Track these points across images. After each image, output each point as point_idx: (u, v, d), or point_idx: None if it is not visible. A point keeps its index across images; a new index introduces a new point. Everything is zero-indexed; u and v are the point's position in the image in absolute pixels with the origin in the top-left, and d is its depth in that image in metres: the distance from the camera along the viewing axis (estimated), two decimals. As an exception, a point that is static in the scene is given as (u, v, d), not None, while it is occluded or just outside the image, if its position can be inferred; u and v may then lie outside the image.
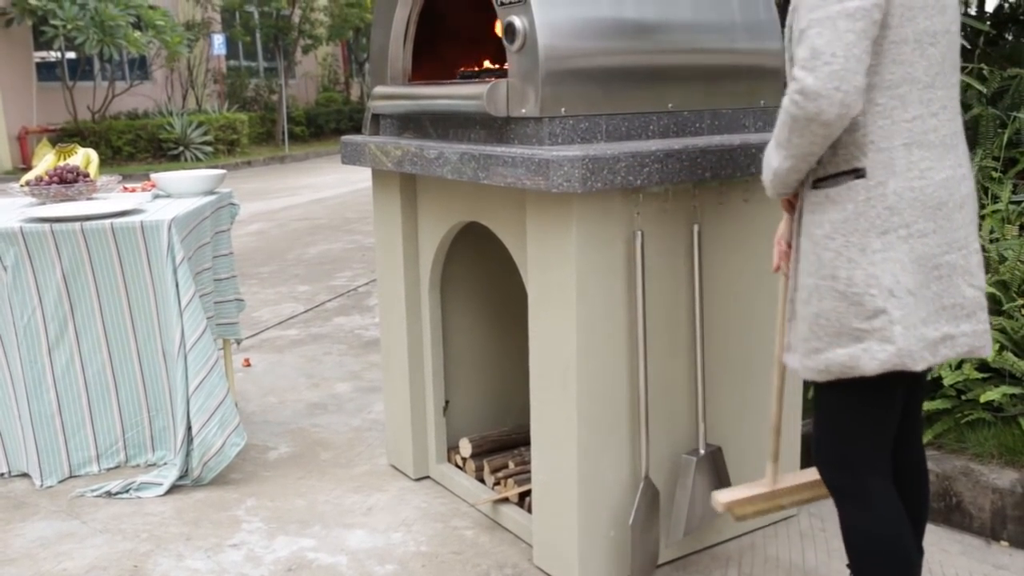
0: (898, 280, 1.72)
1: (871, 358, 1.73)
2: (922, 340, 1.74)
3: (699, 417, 2.48)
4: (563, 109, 2.32)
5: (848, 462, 1.90)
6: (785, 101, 1.70)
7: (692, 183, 2.39)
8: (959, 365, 2.90)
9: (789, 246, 2.01)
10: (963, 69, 3.69)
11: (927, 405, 2.87)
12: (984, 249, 3.10)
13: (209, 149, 15.70)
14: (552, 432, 2.43)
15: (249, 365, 4.53)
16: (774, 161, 1.82)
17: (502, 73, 2.59)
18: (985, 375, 2.85)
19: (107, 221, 3.11)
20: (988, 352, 1.83)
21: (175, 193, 3.62)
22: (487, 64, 2.96)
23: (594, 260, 2.28)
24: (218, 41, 17.60)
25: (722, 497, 2.24)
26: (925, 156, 1.74)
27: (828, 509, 2.88)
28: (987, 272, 3.03)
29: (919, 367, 1.74)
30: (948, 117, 1.79)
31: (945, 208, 1.75)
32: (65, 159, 3.91)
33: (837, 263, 1.75)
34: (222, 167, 14.75)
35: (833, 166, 1.78)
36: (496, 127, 2.47)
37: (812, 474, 2.25)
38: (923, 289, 1.74)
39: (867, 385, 1.80)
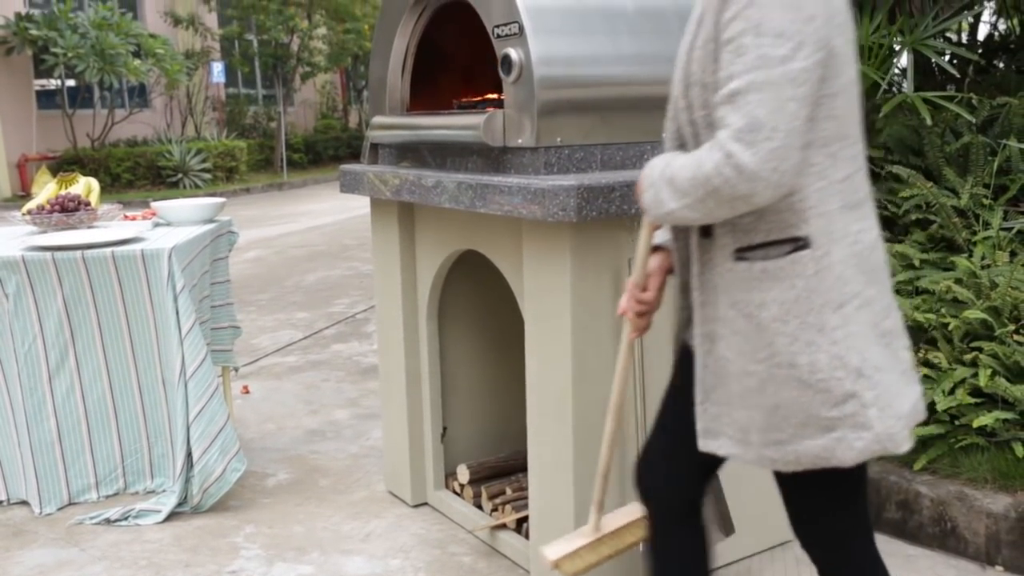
0: (865, 357, 1.54)
1: (847, 448, 1.54)
2: (900, 419, 1.57)
3: (694, 443, 2.50)
4: (559, 139, 2.36)
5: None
6: (710, 166, 1.47)
7: (686, 211, 2.42)
8: (952, 391, 2.92)
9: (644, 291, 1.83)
10: (952, 99, 3.74)
11: (921, 430, 2.89)
12: (976, 275, 3.14)
13: (208, 176, 15.76)
14: (549, 458, 2.44)
15: (248, 392, 4.54)
16: (670, 203, 1.58)
17: (498, 103, 2.63)
18: (978, 400, 2.88)
19: (108, 249, 3.14)
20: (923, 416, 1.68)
21: (175, 221, 3.65)
22: (485, 95, 3.00)
23: (590, 287, 2.31)
24: (217, 69, 17.71)
25: (550, 553, 2.12)
26: (857, 217, 1.58)
27: (824, 534, 2.90)
28: (979, 298, 3.07)
29: (903, 448, 1.56)
30: (865, 174, 1.64)
31: (879, 271, 1.61)
32: (67, 188, 3.95)
33: (795, 349, 1.55)
34: (221, 194, 14.80)
35: (762, 234, 1.56)
36: (493, 156, 2.51)
37: (634, 512, 2.11)
38: (887, 360, 1.58)
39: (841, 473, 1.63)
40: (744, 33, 1.46)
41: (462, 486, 3.07)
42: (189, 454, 3.13)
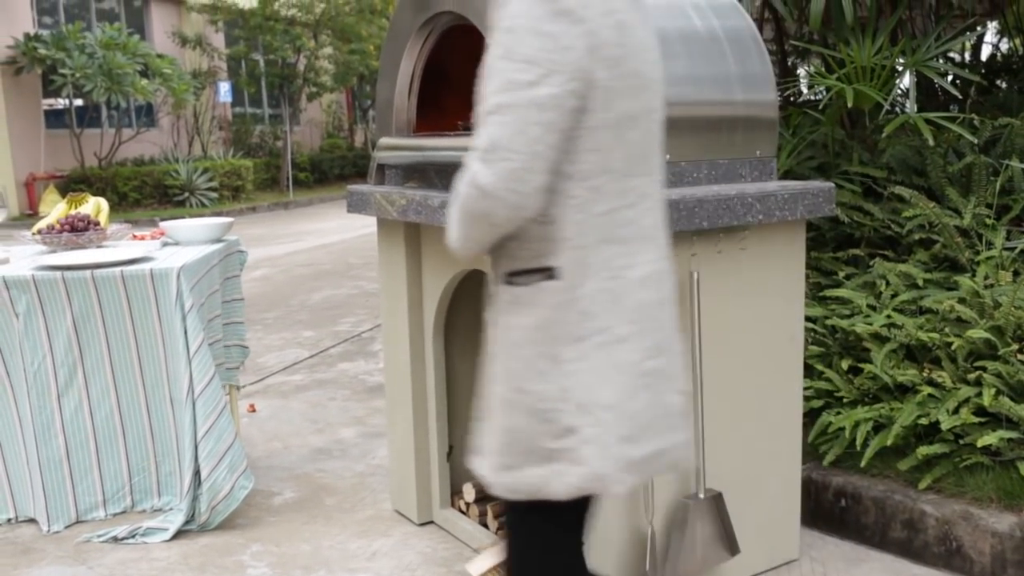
0: (593, 394, 1.52)
1: (560, 481, 1.53)
2: (620, 461, 1.53)
3: (699, 461, 2.51)
4: (564, 160, 2.38)
5: None
6: (460, 185, 1.51)
7: (690, 231, 2.44)
8: (956, 410, 2.93)
9: None
10: (954, 119, 3.77)
11: (926, 449, 2.90)
12: (979, 295, 3.15)
13: (214, 195, 15.83)
14: (554, 477, 2.46)
15: (254, 411, 4.56)
16: (454, 233, 1.60)
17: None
18: (982, 419, 2.89)
19: (117, 269, 3.17)
20: (691, 463, 1.62)
21: (184, 241, 3.68)
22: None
23: (595, 307, 2.33)
24: (224, 89, 17.83)
25: (472, 569, 2.10)
26: (620, 252, 1.55)
27: (828, 553, 2.90)
28: (983, 318, 3.08)
29: (617, 490, 1.54)
30: (648, 207, 1.60)
31: (646, 309, 1.57)
32: (76, 208, 3.99)
33: (526, 375, 1.55)
34: (227, 213, 14.87)
35: (522, 261, 1.57)
36: (499, 178, 2.53)
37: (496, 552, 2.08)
38: (627, 402, 1.54)
39: (559, 507, 1.60)
40: (498, 57, 1.48)
41: (468, 504, 3.08)
42: (197, 472, 3.15)
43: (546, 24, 1.43)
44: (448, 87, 3.08)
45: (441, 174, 2.80)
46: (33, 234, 3.72)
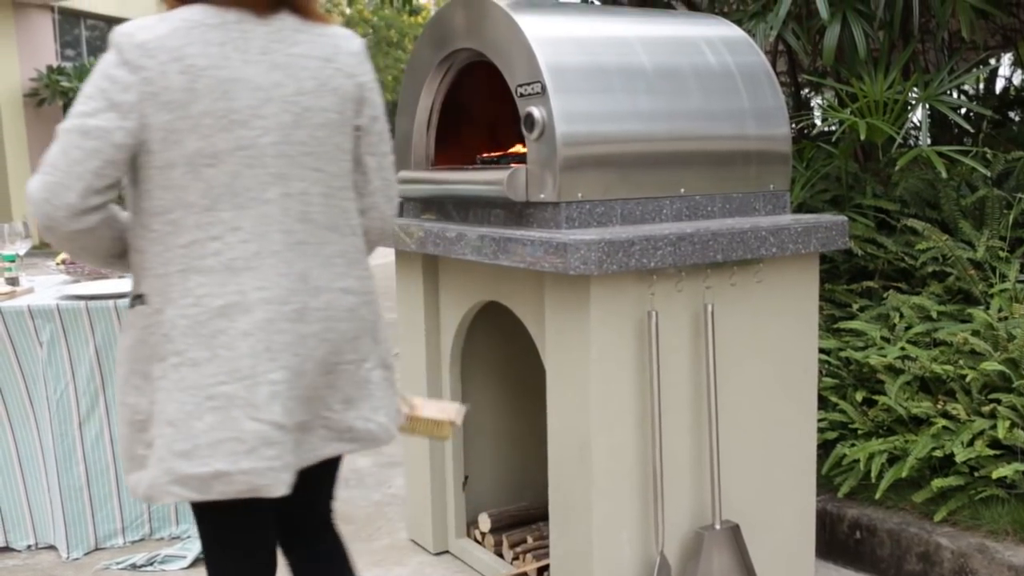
0: (163, 409, 1.62)
1: (137, 483, 1.68)
2: (170, 473, 1.61)
3: (714, 492, 2.53)
4: (580, 194, 2.43)
5: None
6: None
7: (705, 264, 2.48)
8: (971, 442, 2.94)
9: None
10: (966, 153, 3.79)
11: (940, 482, 2.91)
12: (993, 327, 3.16)
13: (231, 225, 15.94)
14: (569, 507, 2.48)
15: (271, 439, 4.59)
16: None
17: (520, 158, 2.71)
18: (997, 452, 2.89)
19: (140, 299, 3.22)
20: (280, 491, 1.65)
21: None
22: (508, 151, 3.08)
23: (610, 338, 2.36)
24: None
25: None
26: (203, 282, 1.62)
27: (844, 586, 2.90)
28: (997, 350, 3.09)
29: (157, 500, 1.65)
30: (240, 239, 1.64)
31: (224, 336, 1.62)
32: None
33: (125, 389, 1.69)
34: (244, 242, 14.95)
35: (131, 287, 1.74)
36: (515, 210, 2.58)
37: (449, 412, 2.12)
38: (190, 420, 1.61)
39: (210, 518, 1.77)
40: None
41: (483, 534, 3.10)
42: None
43: (111, 69, 1.60)
44: (466, 121, 3.14)
45: (458, 207, 2.84)
46: (57, 264, 3.79)
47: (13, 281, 3.42)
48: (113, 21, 16.53)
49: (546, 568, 2.79)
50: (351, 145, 1.79)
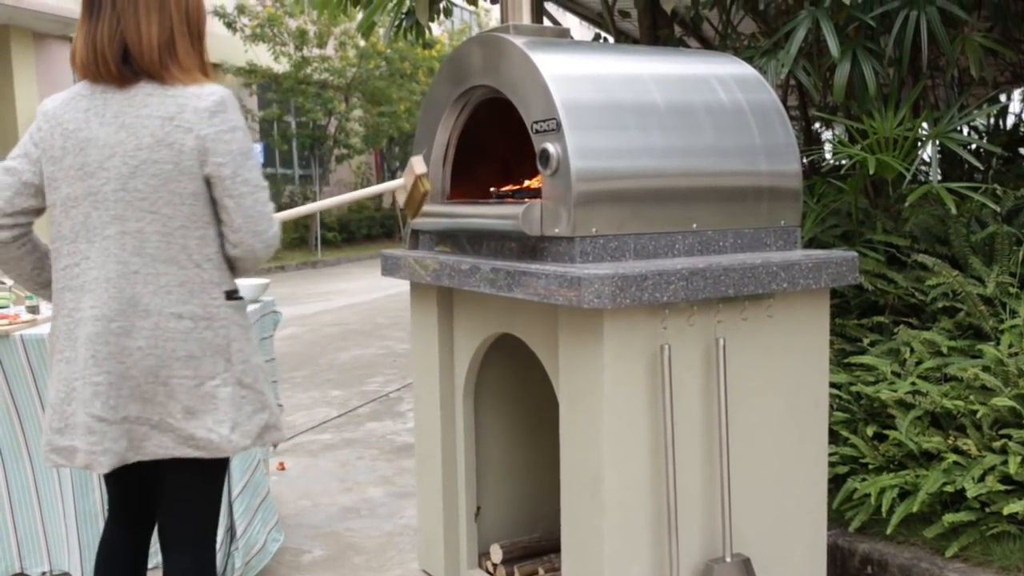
0: (49, 394, 2.13)
1: None
2: (49, 444, 2.12)
3: (725, 525, 2.55)
4: (594, 229, 2.47)
5: None
6: None
7: (716, 299, 2.51)
8: (982, 477, 2.94)
9: None
10: (976, 189, 3.83)
11: (951, 517, 2.91)
12: (1003, 363, 3.18)
13: (244, 254, 16.01)
14: (582, 539, 2.50)
15: (284, 468, 4.62)
16: None
17: (533, 193, 2.75)
18: (1008, 487, 2.90)
19: (158, 328, 3.26)
20: (101, 470, 2.06)
21: (221, 301, 3.78)
22: (522, 186, 3.13)
23: (623, 371, 2.39)
24: (256, 150, 18.17)
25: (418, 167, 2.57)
26: (70, 298, 2.08)
27: (855, 620, 2.89)
28: (1007, 386, 3.10)
29: (48, 465, 2.17)
30: (88, 267, 2.06)
31: (77, 343, 2.07)
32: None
33: (49, 378, 2.21)
34: (256, 272, 15.03)
35: None
36: (529, 244, 2.62)
37: (410, 174, 2.58)
38: (62, 405, 2.10)
39: None
40: None
41: (495, 566, 3.11)
42: (230, 528, 3.20)
43: (32, 127, 2.13)
44: (482, 156, 3.19)
45: (472, 240, 2.89)
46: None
47: (34, 309, 3.47)
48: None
49: (558, 600, 2.80)
50: (200, 190, 2.06)
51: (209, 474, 2.17)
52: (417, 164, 2.57)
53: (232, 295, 2.12)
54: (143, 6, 2.05)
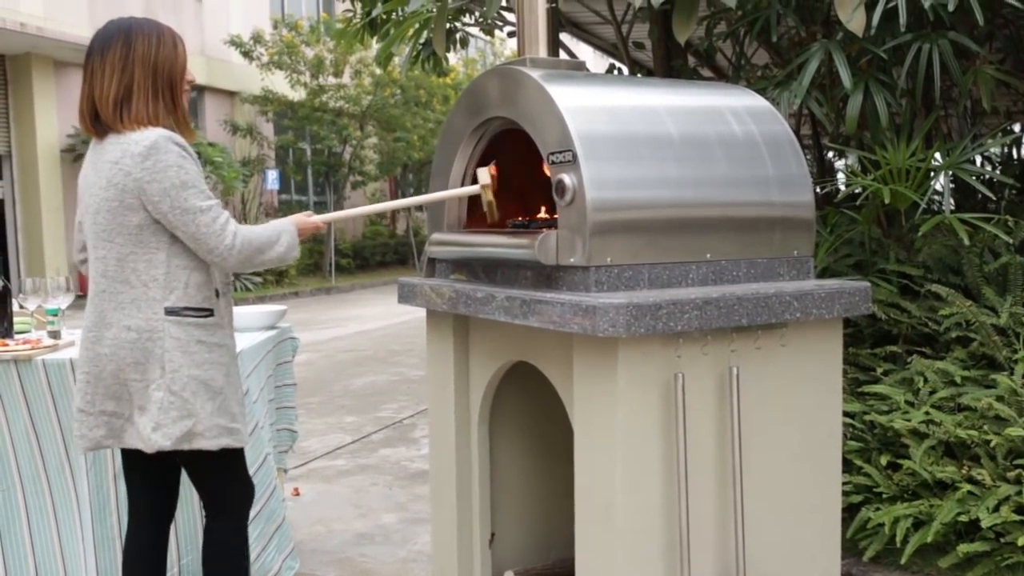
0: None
1: None
2: (76, 430, 2.58)
3: (738, 554, 2.55)
4: (609, 258, 2.50)
5: None
6: None
7: (730, 328, 2.53)
8: (997, 507, 2.95)
9: None
10: (989, 219, 3.84)
11: (966, 547, 2.91)
12: (1017, 393, 3.19)
13: (258, 280, 16.16)
14: (595, 566, 2.51)
15: (298, 494, 4.64)
16: None
17: (548, 223, 2.79)
18: (1023, 518, 2.90)
19: (177, 354, 3.30)
20: (80, 451, 2.71)
21: (239, 327, 3.82)
22: (537, 215, 3.17)
23: (637, 399, 2.41)
24: (272, 177, 18.34)
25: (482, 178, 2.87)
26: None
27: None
28: (1021, 416, 3.11)
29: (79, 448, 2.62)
30: (93, 279, 2.54)
31: (85, 355, 2.53)
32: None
33: None
34: (270, 297, 15.14)
35: None
36: (544, 273, 2.65)
37: (481, 181, 2.88)
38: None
39: None
40: None
41: (509, 592, 3.12)
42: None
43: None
44: (498, 186, 3.22)
45: (487, 269, 2.92)
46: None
47: (55, 334, 3.52)
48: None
49: (571, 627, 2.81)
50: (145, 222, 2.43)
51: (198, 462, 2.55)
52: (481, 175, 2.84)
53: (173, 311, 2.44)
54: (108, 68, 2.42)
